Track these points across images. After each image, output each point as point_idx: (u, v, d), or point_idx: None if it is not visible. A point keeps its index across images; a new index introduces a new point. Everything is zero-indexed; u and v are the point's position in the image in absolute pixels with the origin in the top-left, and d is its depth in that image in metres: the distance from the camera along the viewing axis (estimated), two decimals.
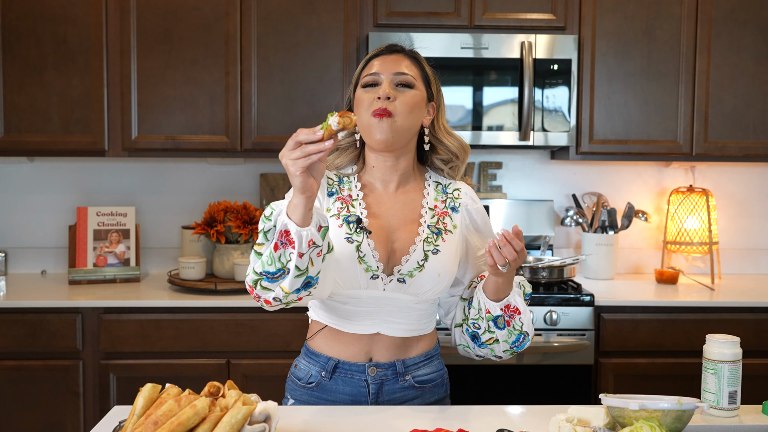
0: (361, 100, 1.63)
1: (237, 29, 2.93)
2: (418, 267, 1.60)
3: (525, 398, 2.69)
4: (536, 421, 1.52)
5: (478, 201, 1.74)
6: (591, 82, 3.00)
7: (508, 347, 1.65)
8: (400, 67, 1.64)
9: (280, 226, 1.40)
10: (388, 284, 1.60)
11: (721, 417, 1.54)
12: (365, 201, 1.67)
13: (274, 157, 3.14)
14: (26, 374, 2.69)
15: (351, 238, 1.59)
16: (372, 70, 1.65)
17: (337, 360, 1.64)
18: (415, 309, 1.64)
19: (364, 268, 1.58)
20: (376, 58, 1.67)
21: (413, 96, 1.63)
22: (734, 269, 3.43)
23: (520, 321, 1.61)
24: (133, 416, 1.29)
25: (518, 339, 1.63)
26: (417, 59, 1.69)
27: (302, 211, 1.38)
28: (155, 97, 2.95)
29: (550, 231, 3.26)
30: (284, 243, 1.40)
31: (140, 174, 3.32)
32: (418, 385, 1.66)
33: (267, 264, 1.43)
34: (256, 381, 2.71)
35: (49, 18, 2.90)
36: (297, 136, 1.36)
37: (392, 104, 1.59)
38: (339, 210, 1.64)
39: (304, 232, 1.38)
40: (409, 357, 1.66)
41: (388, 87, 1.60)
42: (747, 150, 3.05)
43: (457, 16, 2.97)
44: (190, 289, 2.88)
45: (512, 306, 1.61)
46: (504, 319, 1.61)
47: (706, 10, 3.00)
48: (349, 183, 1.69)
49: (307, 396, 1.67)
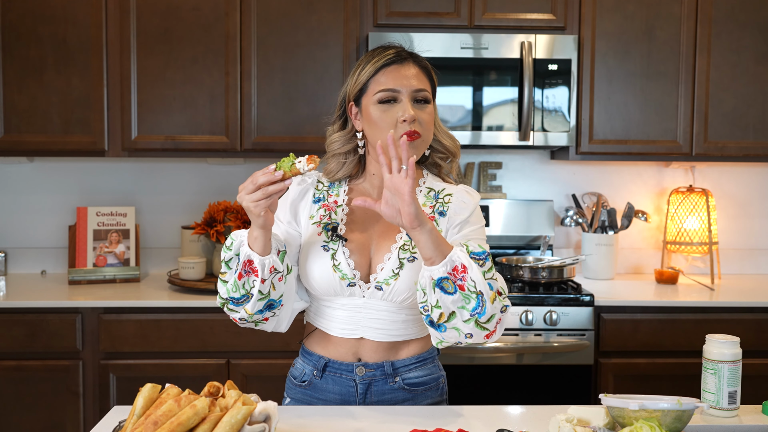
0: (379, 120, 1.58)
1: (237, 29, 2.93)
2: (393, 275, 1.57)
3: (525, 398, 2.69)
4: (536, 421, 1.52)
5: (474, 198, 1.65)
6: (591, 82, 3.00)
7: (468, 316, 1.43)
8: (417, 82, 1.60)
9: (243, 257, 1.50)
10: (366, 291, 1.59)
11: (721, 417, 1.54)
12: (350, 207, 1.66)
13: (274, 158, 3.13)
14: (26, 374, 2.69)
15: (327, 246, 1.60)
16: (389, 86, 1.58)
17: (327, 359, 1.65)
18: (398, 315, 1.61)
19: (339, 276, 1.58)
20: (387, 68, 1.60)
21: (431, 111, 1.61)
22: (734, 269, 3.43)
23: (472, 280, 1.42)
24: (132, 416, 1.29)
25: (478, 304, 1.43)
26: (424, 65, 1.65)
27: (263, 242, 1.49)
28: (155, 97, 2.95)
29: (550, 231, 3.26)
30: (248, 272, 1.51)
31: (140, 174, 3.32)
32: (408, 388, 1.65)
33: (232, 291, 1.54)
34: (255, 381, 2.71)
35: (49, 18, 2.90)
36: (256, 180, 1.43)
37: (418, 126, 1.57)
38: (321, 217, 1.64)
39: (266, 260, 1.49)
40: (399, 359, 1.64)
41: (411, 107, 1.57)
42: (747, 150, 3.05)
43: (457, 16, 2.97)
44: (189, 289, 2.88)
45: (458, 265, 1.43)
46: (452, 281, 1.43)
47: (706, 10, 3.00)
48: (338, 189, 1.68)
49: (301, 394, 1.69)
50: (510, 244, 3.27)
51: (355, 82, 1.63)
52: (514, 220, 3.25)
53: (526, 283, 2.86)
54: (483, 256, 1.46)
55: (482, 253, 1.46)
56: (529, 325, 2.71)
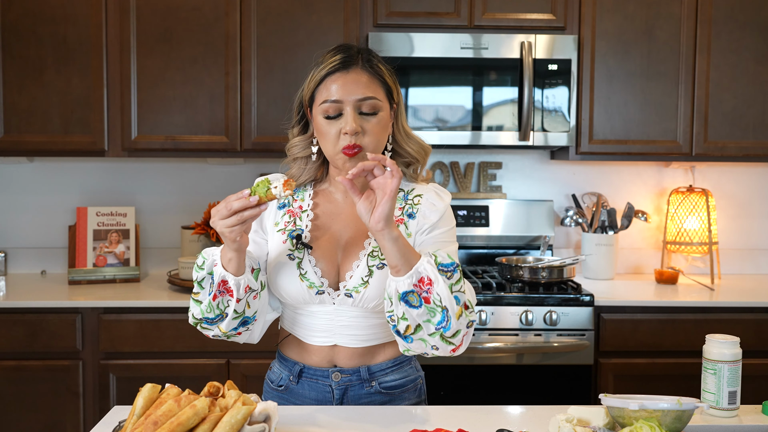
0: (325, 133, 1.53)
1: (237, 29, 2.93)
2: (363, 283, 1.54)
3: (525, 398, 2.69)
4: (536, 421, 1.52)
5: (444, 200, 1.60)
6: (591, 82, 3.00)
7: (434, 329, 1.41)
8: (361, 90, 1.51)
9: (218, 278, 1.49)
10: (336, 299, 1.57)
11: (721, 417, 1.54)
12: (315, 212, 1.63)
13: (274, 158, 3.14)
14: (26, 374, 2.69)
15: (293, 254, 1.57)
16: (332, 97, 1.51)
17: (302, 365, 1.64)
18: (370, 320, 1.59)
19: (306, 285, 1.56)
20: (332, 76, 1.52)
21: (379, 121, 1.53)
22: (734, 269, 3.43)
23: (438, 294, 1.39)
24: (132, 416, 1.29)
25: (443, 319, 1.39)
26: (375, 70, 1.55)
27: (237, 262, 1.47)
28: (155, 97, 2.95)
29: (549, 231, 3.26)
30: (222, 292, 1.50)
31: (140, 174, 3.32)
32: (385, 391, 1.63)
33: (206, 312, 1.53)
34: (255, 381, 2.71)
35: (49, 18, 2.90)
36: (230, 205, 1.40)
37: (361, 138, 1.51)
38: (286, 224, 1.61)
39: (241, 280, 1.48)
40: (375, 363, 1.63)
41: (353, 121, 1.49)
42: (747, 150, 3.05)
43: (457, 16, 2.97)
44: (189, 290, 2.87)
45: (423, 277, 1.40)
46: (417, 294, 1.40)
47: (706, 10, 3.00)
48: (303, 193, 1.65)
49: (277, 399, 1.68)
50: (510, 244, 3.27)
51: (306, 88, 1.58)
52: (514, 220, 3.25)
53: (526, 283, 2.86)
54: (451, 268, 1.42)
55: (451, 264, 1.43)
56: (529, 325, 2.71)
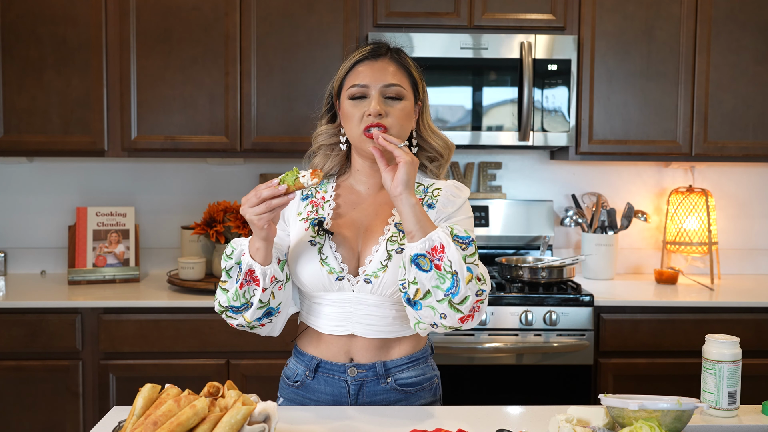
0: (350, 115, 1.60)
1: (236, 29, 2.93)
2: (382, 267, 1.57)
3: (525, 398, 2.69)
4: (536, 421, 1.52)
5: (463, 193, 1.65)
6: (590, 82, 3.00)
7: (443, 296, 1.44)
8: (388, 77, 1.59)
9: (245, 267, 1.53)
10: (355, 285, 1.59)
11: (721, 417, 1.54)
12: (337, 202, 1.67)
13: (274, 158, 3.14)
14: (26, 374, 2.69)
15: (314, 240, 1.61)
16: (359, 81, 1.60)
17: (319, 359, 1.65)
18: (388, 311, 1.61)
19: (327, 270, 1.59)
20: (361, 64, 1.62)
21: (403, 108, 1.60)
22: (734, 269, 3.43)
23: (449, 260, 1.43)
24: (132, 416, 1.29)
25: (452, 284, 1.43)
26: (403, 63, 1.64)
27: (265, 252, 1.51)
28: (155, 97, 2.95)
29: (549, 231, 3.26)
30: (249, 281, 1.54)
31: (140, 174, 3.32)
32: (400, 388, 1.64)
33: (232, 300, 1.56)
34: (255, 381, 2.71)
35: (49, 18, 2.90)
36: (260, 193, 1.45)
37: (384, 120, 1.57)
38: (309, 213, 1.66)
39: (268, 270, 1.52)
40: (391, 359, 1.64)
41: (378, 104, 1.57)
42: (746, 150, 3.05)
43: (457, 16, 2.97)
44: (189, 290, 2.87)
45: (437, 245, 1.45)
46: (429, 260, 1.45)
47: (706, 10, 3.00)
48: (327, 186, 1.71)
49: (293, 395, 1.69)
50: (510, 244, 3.27)
51: (336, 78, 1.67)
52: (513, 220, 3.25)
53: (526, 283, 2.86)
54: (467, 241, 1.47)
55: (466, 237, 1.48)
56: (529, 325, 2.71)
